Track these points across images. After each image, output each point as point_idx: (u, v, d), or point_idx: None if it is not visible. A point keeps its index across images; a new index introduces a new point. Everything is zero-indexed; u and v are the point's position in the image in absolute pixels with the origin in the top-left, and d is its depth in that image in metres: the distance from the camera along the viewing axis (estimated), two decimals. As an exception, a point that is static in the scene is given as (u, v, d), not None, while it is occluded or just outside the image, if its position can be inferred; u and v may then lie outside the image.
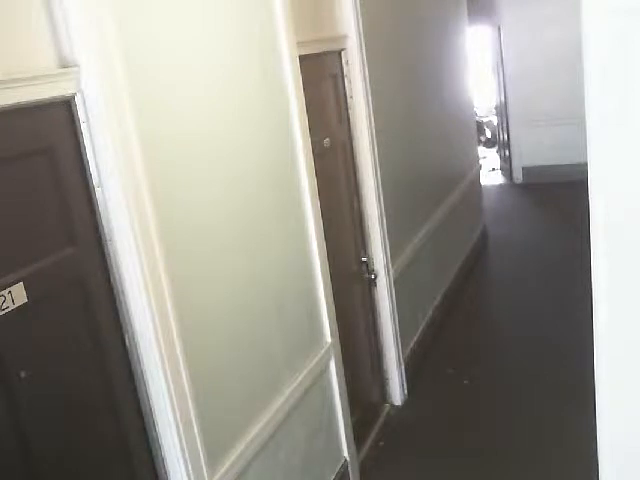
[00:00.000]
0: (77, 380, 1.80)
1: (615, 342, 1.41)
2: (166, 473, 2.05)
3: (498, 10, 8.57)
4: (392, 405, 4.10)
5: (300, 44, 2.85)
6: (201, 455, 2.11)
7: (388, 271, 3.92)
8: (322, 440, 3.03)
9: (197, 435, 2.09)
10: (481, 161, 7.24)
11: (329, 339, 3.08)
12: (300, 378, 2.80)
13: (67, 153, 1.76)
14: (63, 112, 1.74)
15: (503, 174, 9.56)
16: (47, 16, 1.68)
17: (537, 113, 8.56)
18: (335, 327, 3.13)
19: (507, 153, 9.28)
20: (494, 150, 10.51)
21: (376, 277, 3.85)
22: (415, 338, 4.47)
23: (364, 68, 3.65)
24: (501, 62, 8.89)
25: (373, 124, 3.73)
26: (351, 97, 3.64)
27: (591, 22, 1.25)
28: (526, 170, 8.91)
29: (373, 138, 3.74)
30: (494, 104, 10.09)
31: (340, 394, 3.16)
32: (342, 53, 3.58)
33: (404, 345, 4.18)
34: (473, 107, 6.83)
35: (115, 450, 1.93)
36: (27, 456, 1.65)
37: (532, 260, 6.21)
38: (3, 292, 1.56)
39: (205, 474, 2.12)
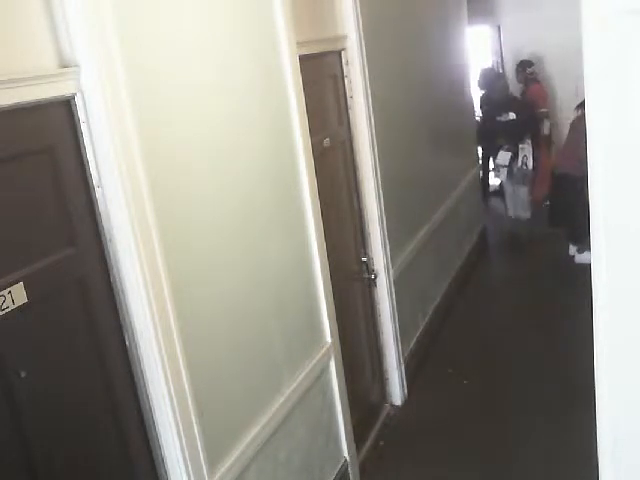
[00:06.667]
0: (77, 380, 1.80)
1: (615, 342, 1.41)
2: (166, 473, 2.05)
3: (498, 10, 8.57)
4: (392, 405, 4.10)
5: (300, 44, 2.85)
6: (201, 455, 2.11)
7: (388, 271, 3.92)
8: (322, 440, 3.03)
9: (197, 435, 2.09)
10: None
11: (329, 339, 3.08)
12: (300, 378, 2.80)
13: (67, 153, 1.76)
14: (63, 112, 1.74)
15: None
16: (47, 16, 1.68)
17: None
18: (335, 327, 3.13)
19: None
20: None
21: (376, 277, 3.85)
22: (415, 338, 4.47)
23: (364, 68, 3.65)
24: (501, 62, 8.88)
25: (373, 124, 3.73)
26: (351, 97, 3.64)
27: (591, 23, 1.25)
28: (526, 170, 8.89)
29: (373, 138, 3.74)
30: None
31: (340, 394, 3.16)
32: (342, 53, 3.58)
33: (404, 345, 4.17)
34: (473, 107, 6.83)
35: (115, 450, 1.93)
36: (27, 456, 1.65)
37: (532, 259, 6.21)
38: (3, 292, 1.56)
39: (205, 474, 2.12)
